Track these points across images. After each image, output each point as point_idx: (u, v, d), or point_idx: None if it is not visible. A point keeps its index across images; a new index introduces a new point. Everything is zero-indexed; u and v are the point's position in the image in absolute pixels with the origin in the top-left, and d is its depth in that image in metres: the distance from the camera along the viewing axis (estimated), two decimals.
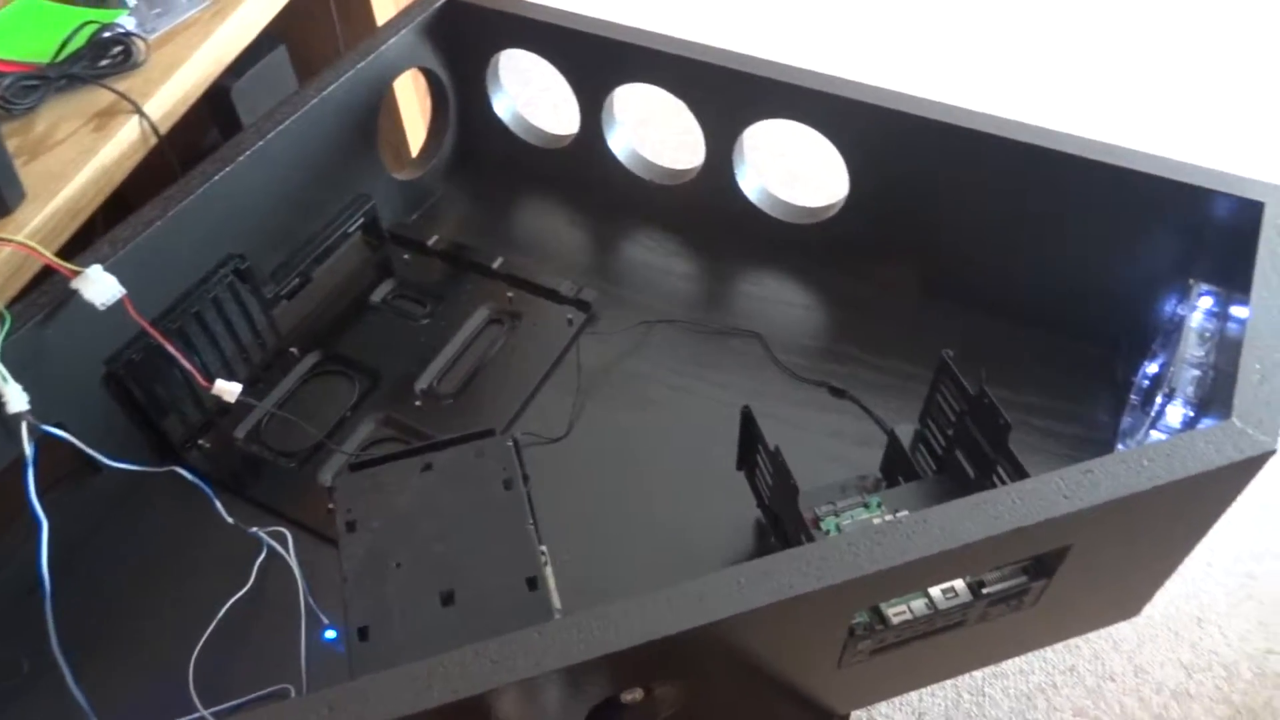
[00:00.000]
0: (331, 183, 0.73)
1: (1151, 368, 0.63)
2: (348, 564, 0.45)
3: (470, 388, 0.69)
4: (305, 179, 0.70)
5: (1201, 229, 0.61)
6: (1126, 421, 0.64)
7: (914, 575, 0.43)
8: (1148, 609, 0.88)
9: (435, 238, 0.78)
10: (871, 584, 0.42)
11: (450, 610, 0.44)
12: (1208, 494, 0.47)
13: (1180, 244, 0.62)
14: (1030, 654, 0.96)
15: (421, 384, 0.69)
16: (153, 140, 0.70)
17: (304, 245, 0.72)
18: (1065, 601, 0.52)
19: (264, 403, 0.68)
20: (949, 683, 0.94)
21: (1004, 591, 0.48)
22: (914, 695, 0.94)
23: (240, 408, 0.67)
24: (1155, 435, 0.55)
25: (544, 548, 0.52)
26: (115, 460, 0.59)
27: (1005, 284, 0.70)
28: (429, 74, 0.79)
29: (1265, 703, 0.92)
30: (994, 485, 0.52)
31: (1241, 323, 0.54)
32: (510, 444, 0.50)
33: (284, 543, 0.59)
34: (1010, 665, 0.96)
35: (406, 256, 0.78)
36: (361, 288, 0.76)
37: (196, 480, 0.60)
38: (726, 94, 0.71)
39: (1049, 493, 0.43)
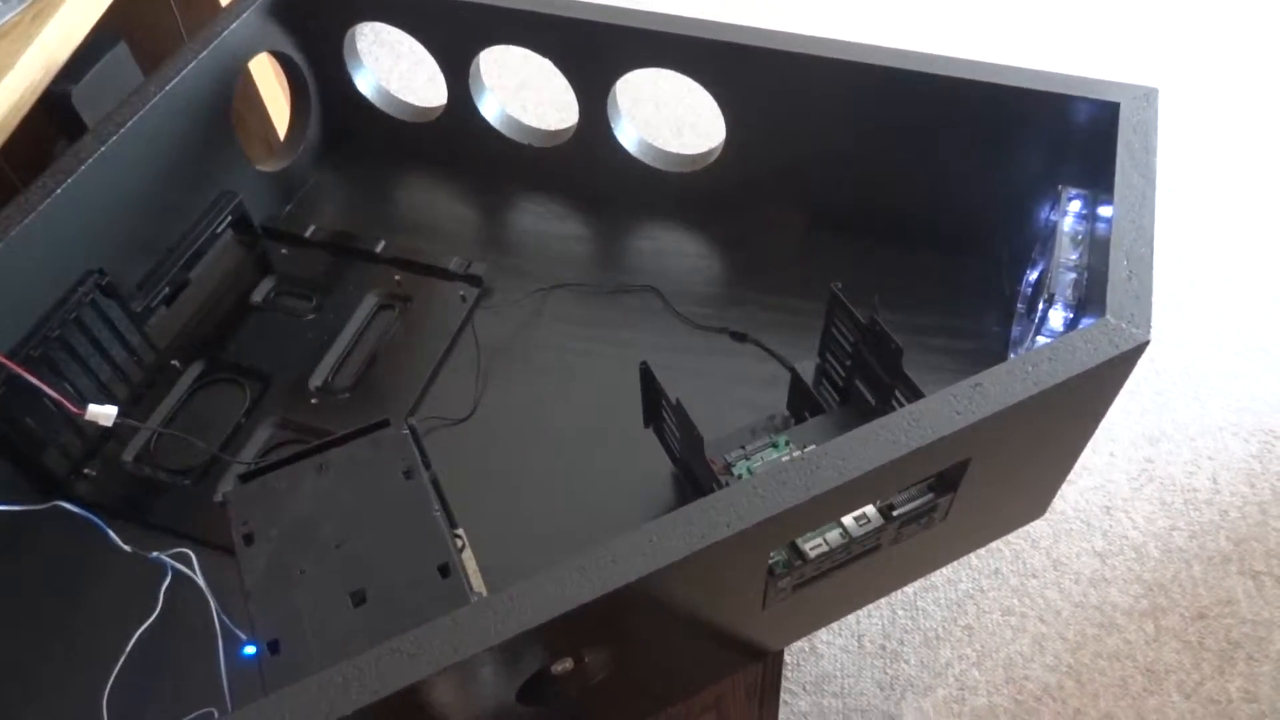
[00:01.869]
0: (191, 182, 0.69)
1: (1033, 275, 0.65)
2: (249, 578, 0.43)
3: (367, 379, 0.67)
4: (160, 181, 0.66)
5: (1065, 135, 0.62)
6: (1015, 331, 0.65)
7: (823, 508, 0.43)
8: (1059, 504, 0.92)
9: (312, 228, 0.75)
10: (782, 522, 0.42)
11: (363, 610, 0.42)
12: (1092, 390, 0.48)
13: (1047, 151, 0.64)
14: (956, 563, 0.99)
15: (315, 381, 0.67)
16: None
17: (170, 252, 0.68)
18: (974, 511, 0.53)
19: (149, 421, 0.65)
20: (883, 602, 0.97)
21: (914, 511, 0.49)
22: (852, 618, 0.97)
23: (125, 430, 0.64)
24: (1041, 340, 0.56)
25: (460, 531, 0.51)
26: None
27: (887, 210, 0.71)
28: (282, 57, 0.75)
29: (1173, 576, 0.98)
30: (894, 409, 0.53)
31: (1108, 222, 0.55)
32: (407, 432, 0.49)
33: (188, 563, 0.56)
34: (938, 577, 0.99)
35: (284, 251, 0.75)
36: (240, 289, 0.73)
37: (83, 512, 0.57)
38: (589, 48, 0.69)
39: (943, 410, 0.44)
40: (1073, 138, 0.61)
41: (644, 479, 0.61)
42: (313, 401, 0.66)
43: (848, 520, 0.49)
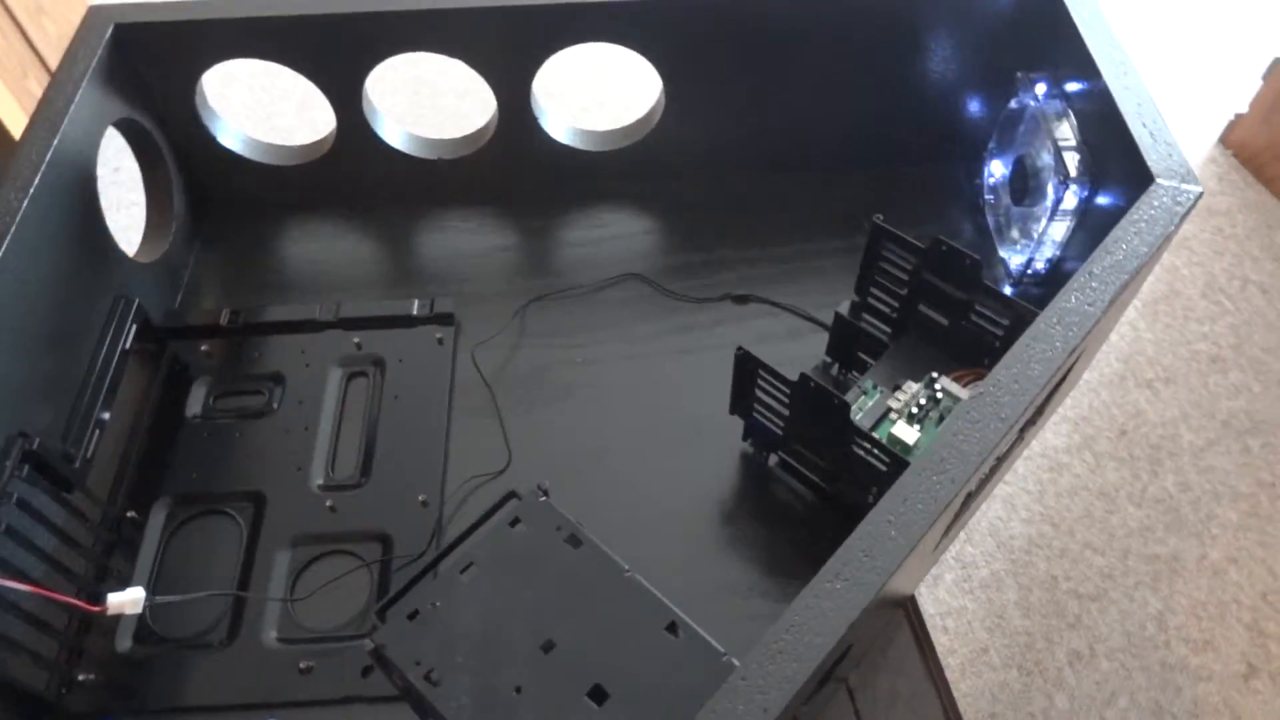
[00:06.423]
0: (80, 294, 0.56)
1: (995, 165, 0.67)
2: (457, 719, 0.36)
3: (376, 460, 0.58)
4: (51, 302, 0.53)
5: (998, 21, 0.64)
6: (991, 220, 0.68)
7: (1013, 433, 0.43)
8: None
9: (225, 312, 0.64)
10: (989, 458, 0.41)
11: (610, 706, 0.37)
12: (1160, 251, 0.51)
13: (983, 42, 0.66)
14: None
15: (316, 481, 0.58)
16: None
17: (84, 385, 0.55)
18: (1059, 399, 0.55)
19: None
20: None
21: (1033, 415, 0.50)
22: None
23: (99, 615, 0.52)
24: (1060, 224, 0.58)
25: None
26: None
27: (839, 137, 0.71)
28: (127, 126, 0.63)
29: (1089, 406, 1.08)
30: (972, 324, 0.53)
31: (1085, 96, 0.58)
32: (544, 497, 0.43)
33: None
34: None
35: (205, 347, 0.63)
36: (167, 406, 0.61)
37: None
38: (505, 36, 0.63)
39: (1076, 305, 0.44)
40: (1006, 22, 0.64)
41: (715, 465, 0.58)
42: (327, 504, 0.57)
43: None
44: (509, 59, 0.64)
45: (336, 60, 0.63)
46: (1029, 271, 0.63)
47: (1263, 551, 0.98)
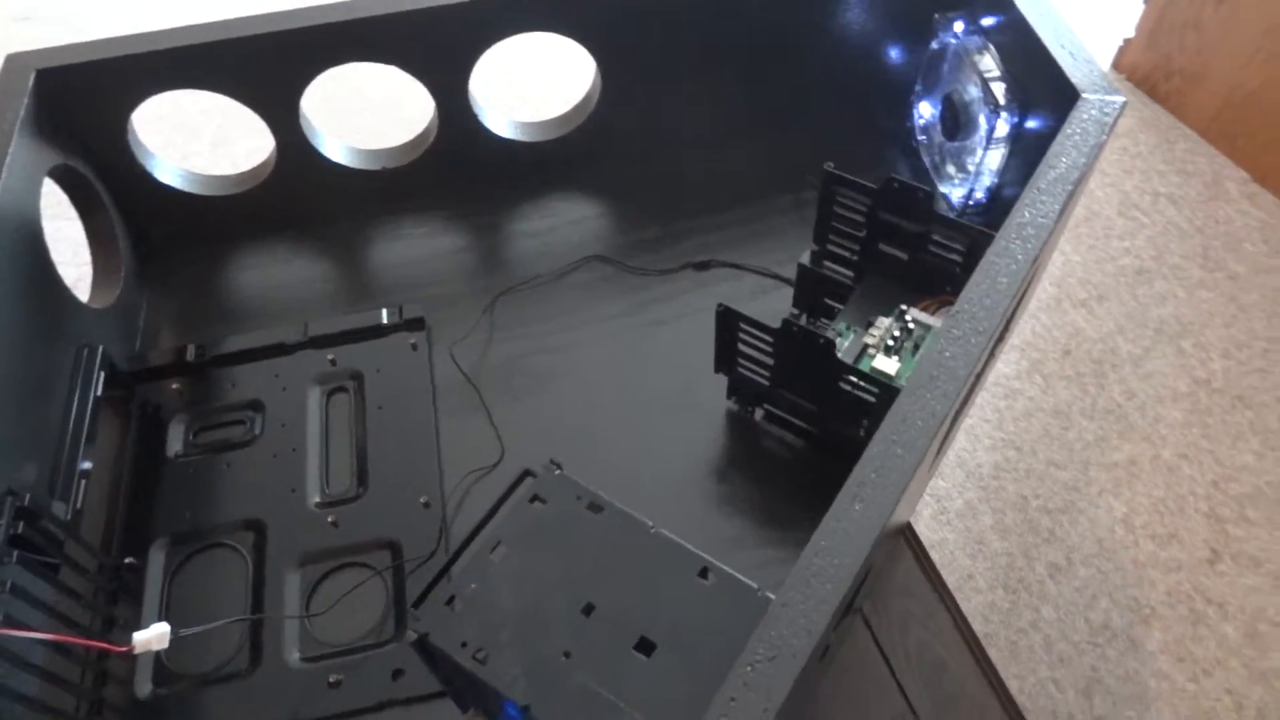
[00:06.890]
0: (45, 350, 0.55)
1: (923, 107, 0.70)
2: (514, 692, 0.37)
3: (370, 470, 0.59)
4: (18, 361, 0.52)
5: None
6: (927, 160, 0.71)
7: (992, 349, 0.45)
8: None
9: (190, 348, 0.63)
10: (974, 375, 0.43)
11: (658, 654, 0.38)
12: (1095, 161, 0.54)
13: None
14: None
15: (314, 500, 0.58)
16: None
17: (59, 439, 0.54)
18: (1019, 317, 0.58)
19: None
20: None
21: (1002, 327, 0.52)
22: None
23: (119, 659, 0.52)
24: (993, 154, 0.61)
25: None
26: None
27: (773, 100, 0.73)
28: (62, 173, 0.61)
29: (1031, 331, 1.13)
30: (930, 255, 0.55)
31: (1002, 28, 0.61)
32: (559, 471, 0.44)
33: None
34: None
35: (175, 386, 0.63)
36: (146, 449, 0.60)
37: None
38: (446, 34, 0.63)
39: (1030, 218, 0.47)
40: None
41: (705, 432, 0.60)
42: (328, 520, 0.56)
43: None
44: (446, 59, 0.64)
45: (270, 81, 0.63)
46: (970, 203, 0.66)
47: (1208, 443, 1.03)
